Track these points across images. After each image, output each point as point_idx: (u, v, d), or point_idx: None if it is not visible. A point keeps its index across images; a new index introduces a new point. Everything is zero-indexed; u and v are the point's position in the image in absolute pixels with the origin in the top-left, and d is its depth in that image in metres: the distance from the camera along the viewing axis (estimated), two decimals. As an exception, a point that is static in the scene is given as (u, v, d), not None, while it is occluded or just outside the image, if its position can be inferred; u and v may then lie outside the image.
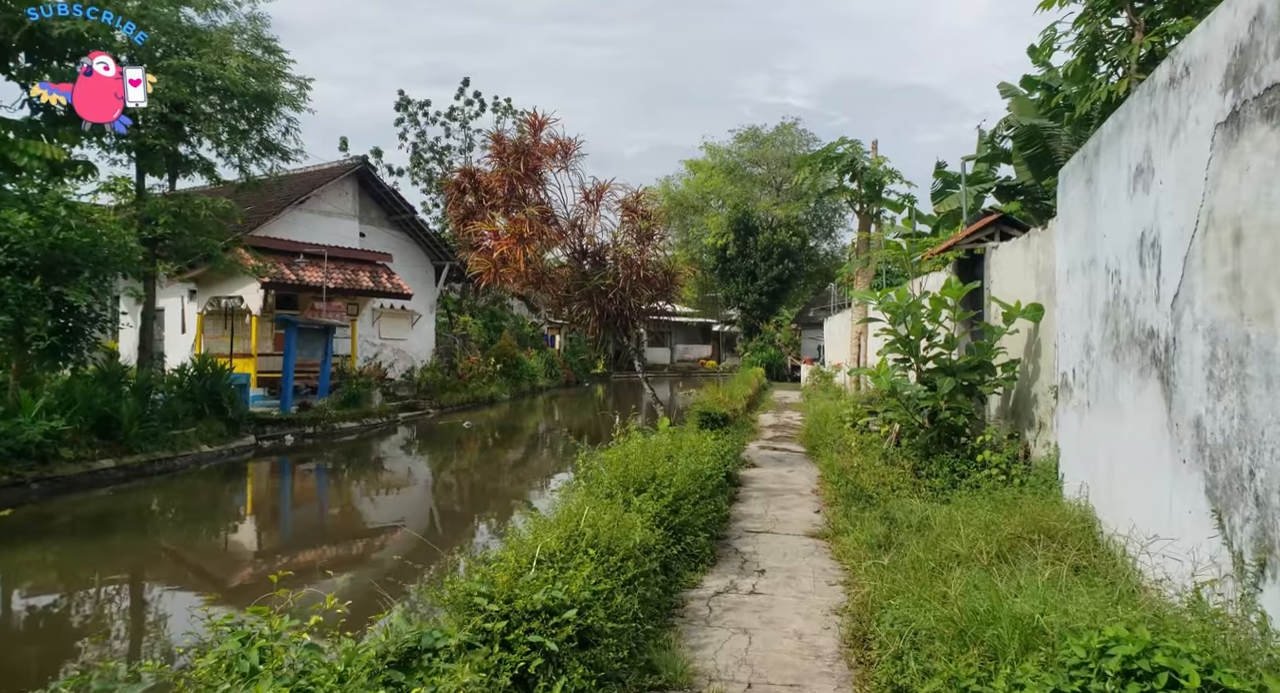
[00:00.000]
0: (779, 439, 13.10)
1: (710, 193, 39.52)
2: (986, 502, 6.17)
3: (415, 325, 26.85)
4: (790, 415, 17.62)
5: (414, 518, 10.41)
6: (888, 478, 7.26)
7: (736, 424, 13.15)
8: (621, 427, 7.48)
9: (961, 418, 7.07)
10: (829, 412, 12.38)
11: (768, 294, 38.19)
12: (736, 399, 14.84)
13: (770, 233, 37.65)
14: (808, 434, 11.76)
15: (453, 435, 18.22)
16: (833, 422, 11.63)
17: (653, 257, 9.46)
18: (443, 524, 10.03)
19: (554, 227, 9.24)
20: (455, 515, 10.65)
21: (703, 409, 12.49)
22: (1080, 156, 5.76)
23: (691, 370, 50.14)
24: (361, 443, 16.51)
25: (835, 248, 43.45)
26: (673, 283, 9.55)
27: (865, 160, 12.69)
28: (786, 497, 7.92)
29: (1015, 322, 7.07)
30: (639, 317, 9.39)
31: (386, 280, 22.73)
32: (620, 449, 6.14)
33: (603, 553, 3.82)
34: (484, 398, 25.01)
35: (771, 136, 40.13)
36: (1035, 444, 7.06)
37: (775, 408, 19.91)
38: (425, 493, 12.43)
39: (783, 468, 9.79)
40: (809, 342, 40.35)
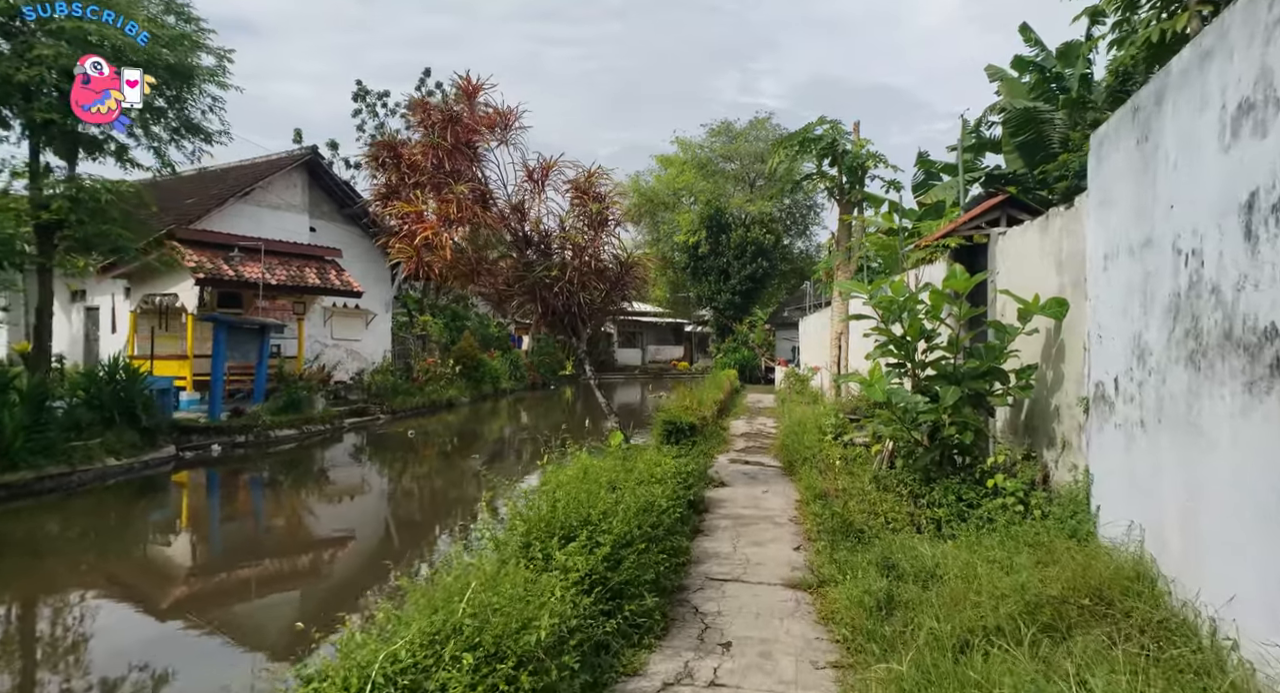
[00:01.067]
0: (752, 451, 11.90)
1: (682, 189, 38.33)
2: (1005, 542, 5.00)
3: (370, 325, 25.30)
4: (764, 422, 16.45)
5: (304, 561, 8.81)
6: (880, 507, 6.07)
7: (705, 434, 11.94)
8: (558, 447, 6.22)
9: (969, 435, 5.89)
10: (807, 420, 11.21)
11: (741, 293, 37.13)
12: (706, 405, 13.63)
13: (743, 230, 36.59)
14: (784, 446, 10.58)
15: (395, 445, 16.74)
16: (811, 432, 10.47)
17: (608, 245, 8.17)
18: (337, 565, 8.61)
19: (493, 210, 7.92)
20: (357, 553, 9.19)
21: (667, 418, 11.26)
22: (1127, 112, 4.60)
23: (663, 372, 48.96)
24: (297, 453, 15.01)
25: (810, 246, 42.58)
26: (629, 275, 8.26)
27: (846, 143, 11.55)
28: (760, 527, 6.69)
29: (1032, 320, 5.92)
30: (591, 314, 8.08)
31: (336, 277, 21.18)
32: (551, 479, 4.85)
33: (485, 660, 2.53)
34: (441, 402, 23.53)
35: (745, 131, 39.06)
36: (1057, 467, 5.91)
37: (748, 413, 18.74)
38: (331, 522, 10.89)
39: (756, 487, 8.57)
40: (783, 342, 39.34)
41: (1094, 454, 5.20)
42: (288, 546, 9.22)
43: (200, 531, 10.15)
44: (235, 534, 10.05)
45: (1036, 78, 15.39)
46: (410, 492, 12.52)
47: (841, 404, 11.31)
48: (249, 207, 20.87)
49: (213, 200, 19.49)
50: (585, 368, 8.90)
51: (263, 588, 7.61)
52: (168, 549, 9.36)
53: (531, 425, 21.08)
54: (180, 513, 11.20)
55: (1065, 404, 5.80)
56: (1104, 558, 4.15)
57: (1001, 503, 5.60)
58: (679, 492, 6.13)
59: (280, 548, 9.10)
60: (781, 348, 38.93)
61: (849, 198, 11.78)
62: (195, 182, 22.95)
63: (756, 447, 12.35)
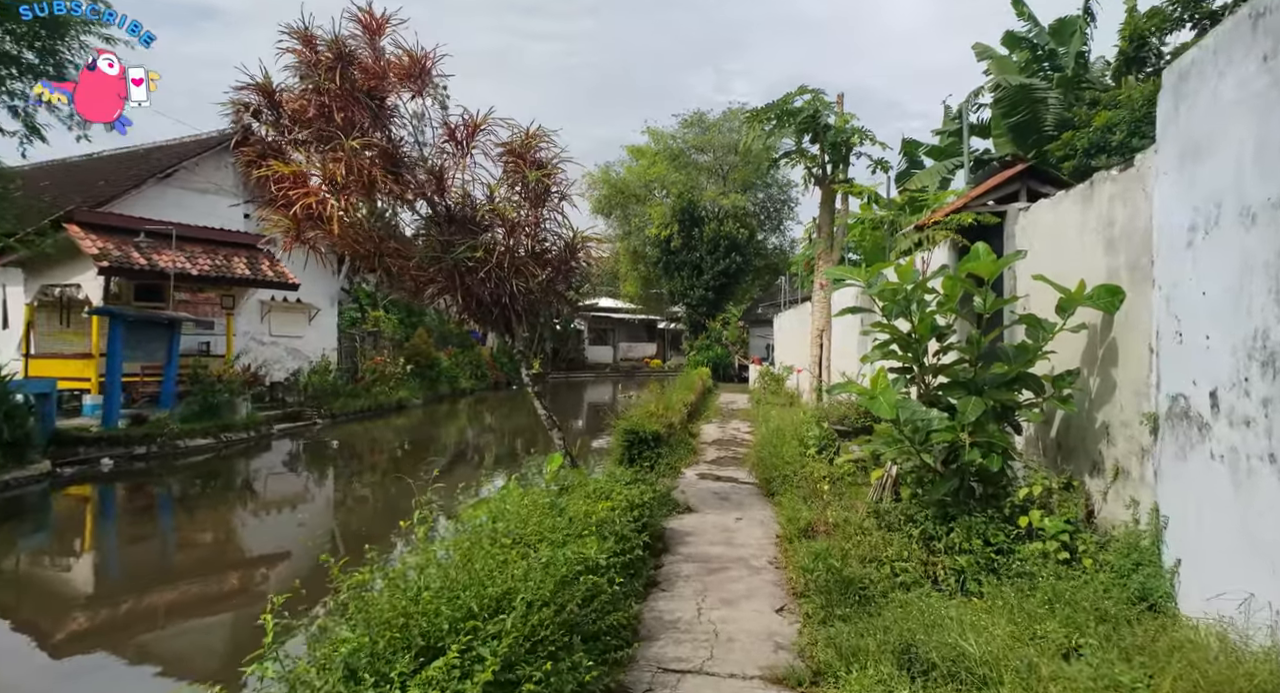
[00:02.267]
0: (724, 462, 10.56)
1: (654, 181, 36.91)
2: (1056, 607, 3.72)
3: (314, 321, 23.51)
4: (738, 427, 15.14)
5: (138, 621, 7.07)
6: (885, 551, 4.74)
7: (672, 444, 10.58)
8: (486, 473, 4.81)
9: (996, 460, 4.59)
10: (785, 429, 9.89)
11: (714, 289, 35.88)
12: (675, 408, 12.27)
13: (717, 224, 35.32)
14: (760, 459, 9.24)
15: (318, 458, 15.06)
16: (790, 443, 9.16)
17: (549, 222, 6.75)
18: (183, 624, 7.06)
19: (407, 177, 6.45)
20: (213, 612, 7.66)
21: (629, 427, 9.87)
22: (1242, 22, 3.29)
23: (635, 370, 47.62)
24: (207, 467, 13.32)
25: (785, 241, 41.40)
26: (574, 258, 6.83)
27: (829, 116, 10.24)
28: (733, 573, 5.33)
29: (1074, 313, 4.64)
30: (529, 306, 6.66)
31: (269, 268, 19.43)
32: (428, 553, 3.42)
33: None
34: (390, 404, 21.89)
35: (718, 122, 37.74)
36: (1106, 499, 4.63)
37: (720, 416, 17.43)
38: (202, 562, 9.16)
39: (728, 514, 7.22)
40: (757, 340, 38.19)
41: (1168, 489, 3.92)
42: (130, 586, 7.58)
43: (41, 565, 8.50)
44: (79, 571, 8.38)
45: (1028, 56, 14.28)
46: (286, 527, 10.36)
47: (824, 411, 10.01)
48: (173, 190, 19.04)
49: (128, 182, 17.66)
50: (522, 371, 7.45)
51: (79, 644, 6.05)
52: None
53: (481, 432, 19.57)
54: (28, 542, 9.46)
55: (1119, 421, 4.52)
56: (1235, 663, 2.84)
57: (1041, 549, 4.30)
58: (626, 539, 4.74)
59: (122, 589, 7.47)
60: (755, 346, 37.76)
61: (832, 179, 10.47)
62: (115, 163, 21.04)
63: (729, 457, 11.01)
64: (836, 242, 10.52)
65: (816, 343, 10.67)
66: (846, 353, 11.58)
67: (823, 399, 10.62)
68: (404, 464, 14.28)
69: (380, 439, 17.74)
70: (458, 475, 12.49)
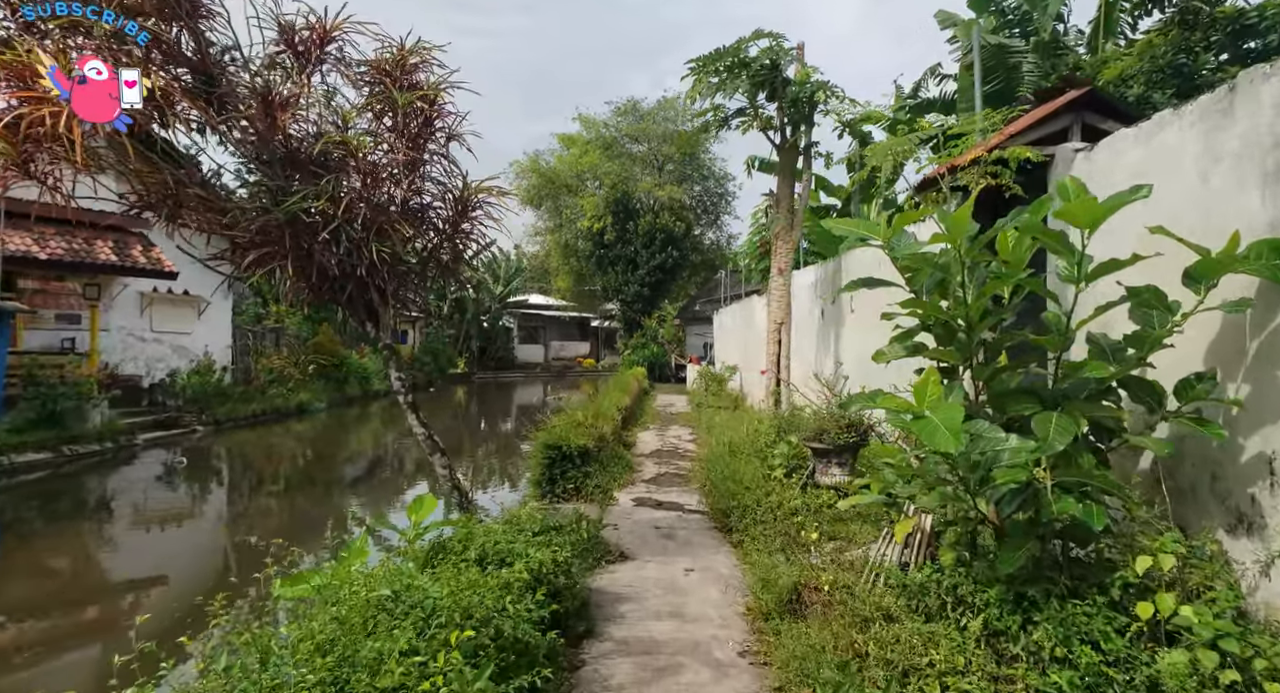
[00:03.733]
0: (666, 481, 8.79)
1: (586, 171, 34.97)
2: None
3: (204, 315, 20.67)
4: (679, 434, 13.43)
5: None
6: (929, 654, 3.04)
7: (603, 460, 8.75)
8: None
9: (1098, 512, 2.94)
10: (741, 443, 8.20)
11: (650, 285, 34.23)
12: (607, 415, 10.43)
13: (652, 217, 33.68)
14: (712, 482, 7.50)
15: (189, 472, 12.60)
16: (747, 459, 7.47)
17: (432, 168, 4.81)
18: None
19: (225, 98, 4.42)
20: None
21: (551, 441, 8.02)
22: None
23: (567, 370, 45.60)
24: (39, 487, 10.77)
25: (722, 237, 40.12)
26: (466, 218, 4.89)
27: (789, 68, 8.59)
28: (688, 678, 3.54)
29: (1215, 284, 3.03)
30: (401, 282, 4.70)
31: (141, 254, 16.66)
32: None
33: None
34: (288, 409, 19.31)
35: (653, 111, 36.10)
36: (1270, 574, 3.04)
37: (659, 422, 15.70)
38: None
39: (675, 563, 5.42)
40: (694, 338, 36.73)
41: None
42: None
43: None
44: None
45: (996, 21, 13.04)
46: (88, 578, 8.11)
47: (787, 420, 8.35)
48: (16, 159, 16.10)
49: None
50: (392, 376, 5.48)
51: None
52: None
53: (383, 441, 17.28)
54: None
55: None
56: None
57: (1188, 663, 2.66)
58: (523, 649, 2.89)
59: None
60: (693, 344, 36.30)
61: (792, 143, 8.83)
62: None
63: (671, 474, 9.25)
64: (799, 217, 8.88)
65: (774, 339, 9.01)
66: (811, 351, 9.99)
67: (782, 405, 8.96)
68: (282, 483, 11.99)
69: (265, 451, 15.28)
70: (331, 503, 10.34)
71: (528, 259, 48.64)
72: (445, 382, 34.36)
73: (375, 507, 9.90)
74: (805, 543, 5.05)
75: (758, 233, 13.99)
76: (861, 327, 8.20)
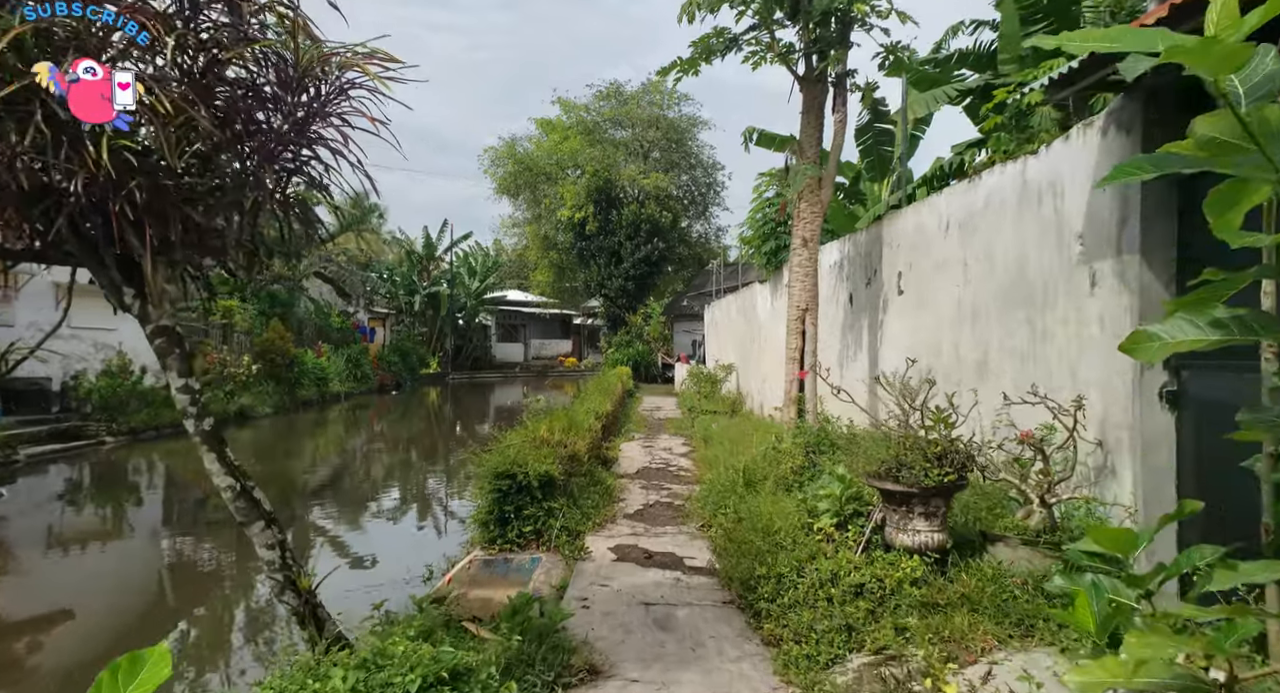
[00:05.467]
0: (657, 516, 6.72)
1: (566, 158, 32.78)
2: None
3: (132, 310, 18.22)
4: (670, 446, 11.35)
5: None
6: None
7: (574, 488, 6.67)
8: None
9: None
10: (757, 468, 6.15)
11: (634, 279, 32.15)
12: (582, 427, 8.33)
13: (637, 206, 31.61)
14: (722, 526, 5.42)
15: (42, 505, 10.24)
16: (769, 490, 5.44)
17: (250, 27, 2.70)
18: None
19: None
20: None
21: (503, 466, 5.96)
22: None
23: (548, 369, 43.42)
24: None
25: (710, 230, 38.13)
26: (322, 108, 2.80)
27: (818, -26, 6.54)
28: None
29: None
30: (186, 218, 2.58)
31: (43, 236, 14.35)
32: None
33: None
34: (225, 415, 17.04)
35: (637, 95, 34.01)
36: None
37: (646, 429, 13.64)
38: None
39: (678, 687, 3.36)
40: (682, 336, 34.74)
41: None
42: None
43: None
44: None
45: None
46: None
47: (814, 434, 6.31)
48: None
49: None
50: (174, 387, 3.35)
51: None
52: None
53: (326, 456, 15.07)
54: None
55: None
56: None
57: None
58: None
59: None
60: (681, 342, 34.29)
61: (819, 71, 6.79)
62: None
63: (664, 504, 7.18)
64: (830, 169, 6.84)
65: (796, 330, 6.97)
66: (825, 348, 7.98)
67: (808, 414, 6.91)
68: (183, 514, 9.80)
69: (180, 468, 13.04)
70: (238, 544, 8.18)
71: (507, 253, 46.39)
72: (415, 383, 32.09)
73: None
74: (888, 651, 3.02)
75: (760, 209, 11.93)
76: (916, 310, 6.19)
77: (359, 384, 26.27)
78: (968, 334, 5.26)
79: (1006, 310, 4.72)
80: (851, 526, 4.27)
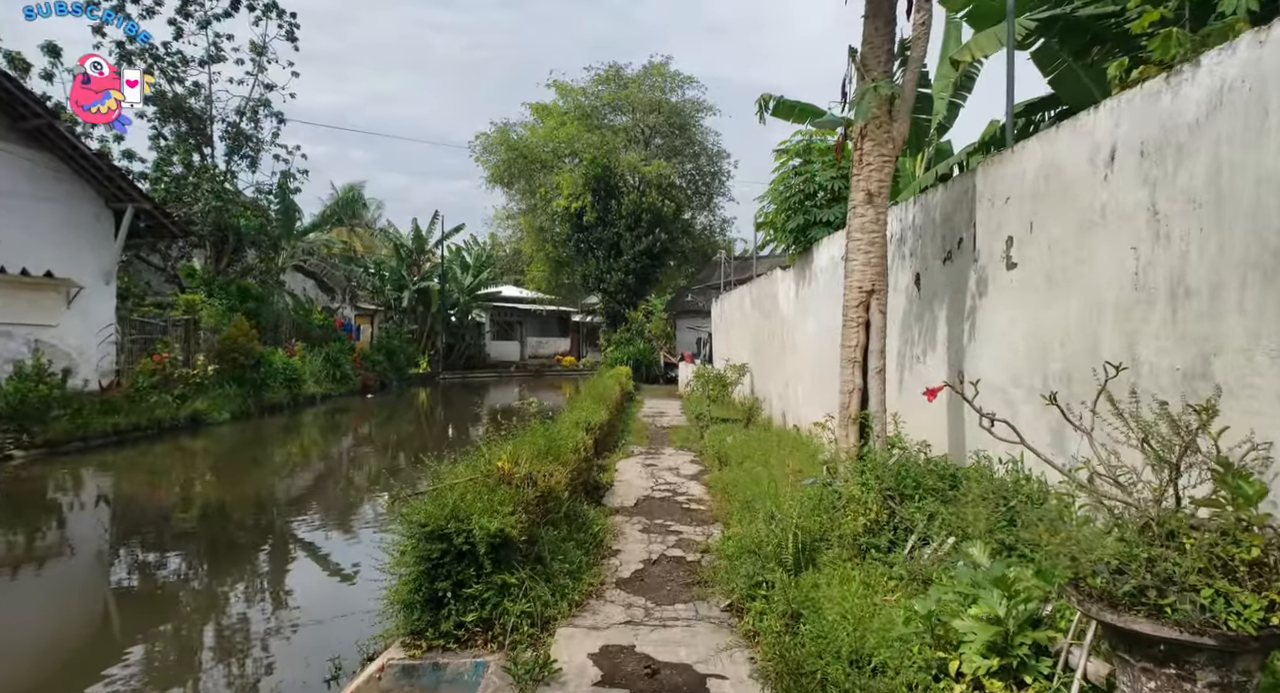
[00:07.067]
0: (664, 583, 4.74)
1: (563, 144, 30.74)
2: None
3: (75, 303, 16.33)
4: (677, 465, 9.36)
5: None
6: None
7: (547, 545, 4.72)
8: None
9: None
10: (813, 525, 4.18)
11: (635, 273, 30.16)
12: (567, 448, 6.36)
13: (637, 195, 29.63)
14: (777, 640, 3.44)
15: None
16: (836, 556, 3.48)
17: None
18: None
19: None
20: None
21: (435, 523, 3.99)
22: None
23: (545, 369, 41.50)
24: None
25: (715, 221, 36.14)
26: None
27: None
28: None
29: None
30: None
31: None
32: None
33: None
34: (175, 421, 15.06)
35: (638, 78, 31.98)
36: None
37: (646, 441, 11.68)
38: None
39: None
40: (686, 333, 32.75)
41: None
42: None
43: None
44: None
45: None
46: None
47: (886, 470, 4.36)
48: None
49: None
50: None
51: None
52: None
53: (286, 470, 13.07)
54: None
55: None
56: None
57: None
58: None
59: None
60: (684, 340, 32.31)
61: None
62: None
63: (671, 560, 5.21)
64: (908, 92, 4.86)
65: (858, 321, 5.01)
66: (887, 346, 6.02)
67: (873, 439, 4.94)
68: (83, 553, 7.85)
69: (103, 490, 11.05)
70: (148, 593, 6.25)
71: (502, 246, 44.37)
72: (403, 384, 30.13)
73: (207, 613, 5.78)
74: None
75: (784, 179, 9.94)
76: (1043, 291, 4.22)
77: (338, 385, 24.30)
78: (1160, 325, 3.30)
79: (1259, 285, 2.79)
80: (1030, 675, 2.31)
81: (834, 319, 8.62)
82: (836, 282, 8.58)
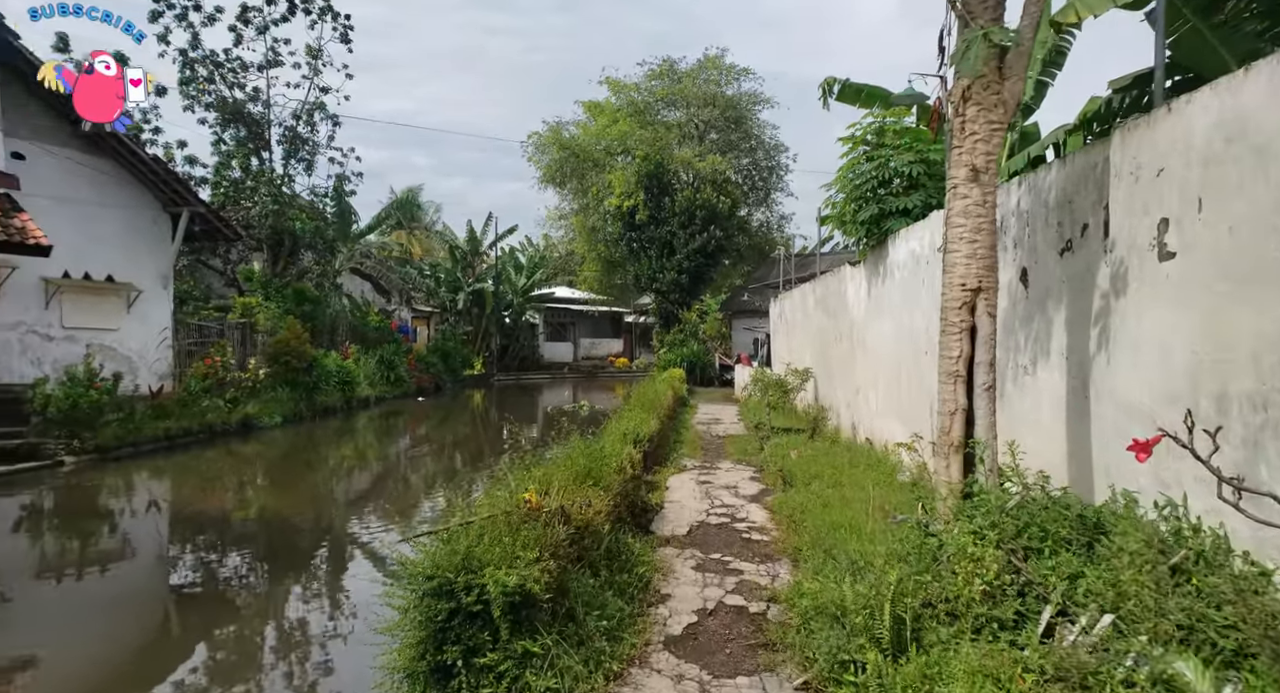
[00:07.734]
0: (723, 644, 3.90)
1: (615, 142, 30.06)
2: None
3: (135, 307, 16.45)
4: (735, 482, 8.49)
5: None
6: None
7: (581, 597, 3.97)
8: None
9: None
10: (904, 577, 3.32)
11: (688, 272, 29.29)
12: (611, 468, 5.62)
13: (691, 192, 28.77)
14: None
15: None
16: (952, 633, 2.61)
17: None
18: None
19: None
20: None
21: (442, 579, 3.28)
22: None
23: (598, 370, 41.00)
24: None
25: (773, 218, 34.96)
26: None
27: None
28: None
29: None
30: None
31: None
32: None
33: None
34: (226, 426, 14.96)
35: (692, 72, 31.11)
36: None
37: (701, 452, 10.84)
38: None
39: None
40: (742, 333, 31.71)
41: None
42: None
43: None
44: None
45: None
46: None
47: (1005, 514, 3.45)
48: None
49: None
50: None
51: None
52: None
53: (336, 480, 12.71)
54: None
55: None
56: None
57: None
58: None
59: None
60: (740, 341, 31.29)
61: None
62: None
63: (732, 611, 4.37)
64: (1026, 40, 3.94)
65: (961, 326, 4.10)
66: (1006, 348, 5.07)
67: (981, 474, 4.02)
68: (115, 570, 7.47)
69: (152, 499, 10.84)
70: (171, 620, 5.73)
71: (555, 247, 44.07)
72: (457, 386, 29.99)
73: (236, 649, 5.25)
74: None
75: (852, 167, 8.98)
76: (1216, 284, 3.25)
77: (392, 388, 24.21)
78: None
79: None
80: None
81: (913, 321, 7.64)
82: (916, 278, 7.60)
